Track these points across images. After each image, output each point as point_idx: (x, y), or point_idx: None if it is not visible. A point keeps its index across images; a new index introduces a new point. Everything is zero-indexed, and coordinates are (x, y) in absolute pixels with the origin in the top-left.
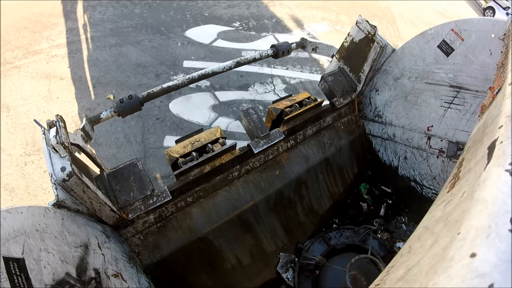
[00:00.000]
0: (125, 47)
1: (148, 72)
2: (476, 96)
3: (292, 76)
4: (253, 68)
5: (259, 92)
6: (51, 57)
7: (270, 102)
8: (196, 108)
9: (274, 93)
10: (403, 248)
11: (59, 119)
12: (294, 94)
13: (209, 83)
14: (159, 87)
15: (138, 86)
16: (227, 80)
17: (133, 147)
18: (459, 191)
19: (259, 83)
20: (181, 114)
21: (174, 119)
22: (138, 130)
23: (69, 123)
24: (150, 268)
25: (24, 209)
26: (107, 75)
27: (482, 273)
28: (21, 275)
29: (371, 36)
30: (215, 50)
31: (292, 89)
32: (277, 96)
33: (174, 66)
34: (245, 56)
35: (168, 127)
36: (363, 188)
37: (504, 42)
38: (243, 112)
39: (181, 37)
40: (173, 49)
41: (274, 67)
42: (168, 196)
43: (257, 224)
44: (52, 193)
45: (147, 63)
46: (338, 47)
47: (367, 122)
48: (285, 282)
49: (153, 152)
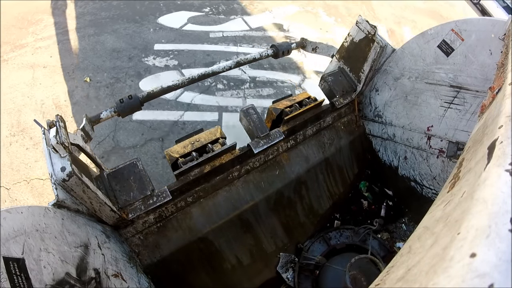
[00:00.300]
0: (102, 36)
1: (122, 56)
2: (476, 96)
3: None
4: (219, 47)
5: (230, 75)
6: (35, 49)
7: (232, 76)
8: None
9: (239, 68)
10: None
11: (59, 119)
12: (294, 94)
13: (176, 62)
14: (159, 87)
15: (112, 68)
16: (194, 59)
17: (105, 122)
18: (459, 191)
19: (224, 60)
20: (151, 90)
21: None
22: (110, 106)
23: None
24: (150, 268)
25: (24, 209)
26: (85, 61)
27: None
28: (21, 275)
29: (371, 36)
30: (184, 33)
31: (257, 64)
32: (242, 72)
33: (146, 50)
34: (245, 56)
35: None
36: (363, 186)
37: (504, 42)
38: (243, 112)
39: (154, 24)
40: (146, 35)
41: (240, 45)
42: (168, 196)
43: (257, 224)
44: (33, 167)
45: (121, 49)
46: (338, 47)
47: (367, 122)
48: (285, 282)
49: (123, 126)
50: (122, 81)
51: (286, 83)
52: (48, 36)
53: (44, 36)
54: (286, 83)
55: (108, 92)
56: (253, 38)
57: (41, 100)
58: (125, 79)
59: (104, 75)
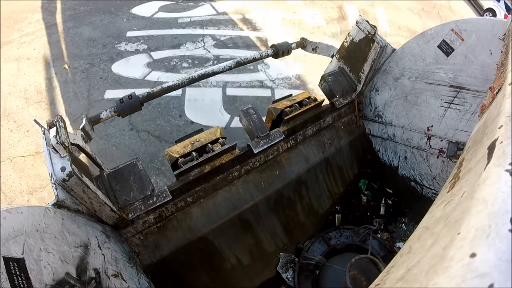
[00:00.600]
0: (80, 28)
1: (97, 44)
2: (476, 96)
3: (223, 34)
4: (186, 31)
5: (189, 49)
6: (20, 44)
7: (197, 56)
8: (133, 67)
9: (204, 48)
10: (403, 248)
11: (59, 119)
12: (294, 94)
13: (146, 46)
14: (159, 87)
15: (88, 55)
16: (162, 42)
17: (80, 102)
18: (459, 191)
19: (190, 41)
20: (121, 72)
21: (114, 77)
22: (85, 88)
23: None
24: (150, 268)
25: (24, 209)
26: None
27: (482, 273)
28: (21, 275)
29: (371, 36)
30: (155, 20)
31: (221, 44)
32: (206, 51)
33: (119, 37)
34: (245, 56)
35: (109, 84)
36: (363, 184)
37: (504, 42)
38: (243, 112)
39: (127, 14)
40: (120, 24)
41: (206, 28)
42: (168, 196)
43: (257, 224)
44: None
45: (97, 37)
46: (338, 47)
47: (367, 122)
48: (285, 282)
49: (95, 104)
50: (96, 65)
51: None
52: (32, 32)
53: (28, 32)
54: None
55: (84, 76)
56: (220, 21)
57: (24, 88)
58: (99, 63)
59: (81, 61)
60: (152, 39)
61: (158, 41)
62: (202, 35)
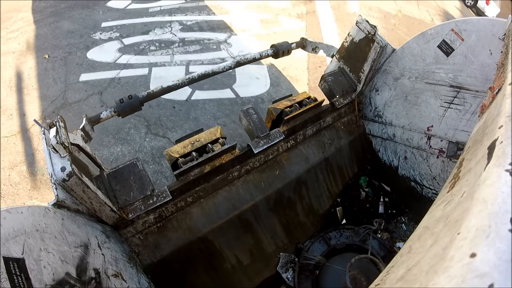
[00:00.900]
0: (60, 22)
1: (75, 35)
2: (476, 96)
3: (189, 19)
4: (156, 19)
5: (157, 34)
6: (6, 40)
7: (164, 39)
8: (106, 52)
9: (171, 33)
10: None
11: (59, 119)
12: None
13: (118, 34)
14: (159, 87)
15: (66, 45)
16: (133, 30)
17: (58, 86)
18: (459, 191)
19: (159, 28)
20: (95, 58)
21: (89, 62)
22: (63, 74)
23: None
24: (150, 268)
25: (24, 209)
26: (45, 43)
27: (482, 273)
28: (21, 275)
29: (371, 36)
30: (127, 11)
31: (187, 28)
32: (173, 35)
33: (94, 28)
34: (245, 56)
35: (84, 68)
36: (363, 181)
37: (504, 42)
38: (243, 112)
39: (103, 7)
40: (96, 17)
41: (174, 15)
42: (168, 196)
43: (257, 224)
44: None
45: (75, 29)
46: (338, 47)
47: (367, 122)
48: (285, 282)
49: (71, 87)
50: (73, 54)
51: (212, 40)
52: (17, 29)
53: (13, 29)
54: (212, 40)
55: (62, 64)
56: (187, 9)
57: (9, 78)
58: (76, 52)
59: (60, 51)
60: (124, 28)
61: (130, 29)
62: (170, 21)
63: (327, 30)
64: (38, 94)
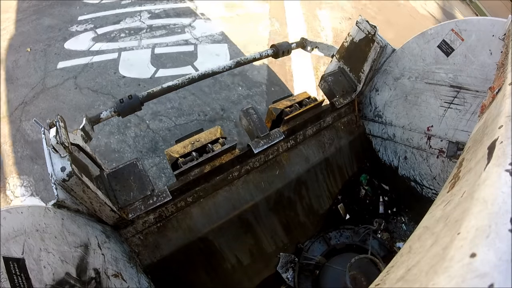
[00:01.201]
0: (41, 19)
1: (54, 29)
2: (476, 96)
3: (157, 8)
4: (127, 10)
5: (127, 23)
6: None
7: (133, 27)
8: (81, 42)
9: (140, 21)
10: (403, 248)
11: (59, 119)
12: (294, 94)
13: (93, 25)
14: (159, 87)
15: (46, 39)
16: (106, 21)
17: (38, 74)
18: (459, 191)
19: (129, 17)
20: (71, 47)
21: (66, 51)
22: (42, 63)
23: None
24: (150, 268)
25: (24, 209)
26: (28, 38)
27: (482, 273)
28: (21, 275)
29: (371, 36)
30: (102, 5)
31: (155, 16)
32: (142, 23)
33: (72, 21)
34: (245, 56)
35: (61, 57)
36: (364, 179)
37: (504, 42)
38: (242, 112)
39: (80, 3)
40: (73, 12)
41: (144, 5)
42: (168, 196)
43: (257, 224)
44: None
45: (54, 24)
46: (338, 47)
47: (367, 122)
48: (285, 282)
49: (50, 74)
50: (52, 45)
51: (178, 24)
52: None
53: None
54: (177, 24)
55: (42, 55)
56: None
57: None
58: (54, 44)
59: (40, 44)
60: (98, 20)
61: (103, 20)
62: (140, 11)
63: (291, 11)
64: (21, 83)
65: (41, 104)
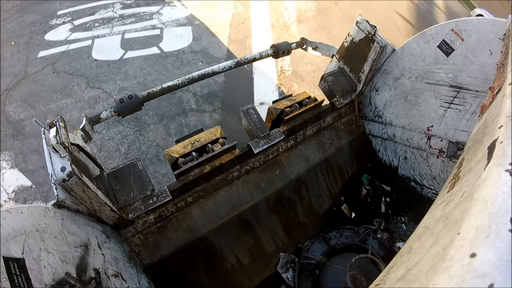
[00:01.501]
0: (25, 16)
1: (36, 24)
2: (476, 96)
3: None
4: (102, 2)
5: (101, 14)
6: None
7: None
8: (60, 33)
9: (112, 11)
10: (403, 248)
11: (59, 119)
12: (294, 94)
13: (70, 18)
14: (159, 87)
15: (29, 33)
16: (82, 13)
17: (21, 63)
18: (459, 191)
19: (103, 9)
20: (51, 38)
21: (46, 42)
22: (25, 54)
23: None
24: (150, 268)
25: (24, 209)
26: (12, 34)
27: (482, 273)
28: (21, 275)
29: (371, 36)
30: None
31: (126, 6)
32: (114, 13)
33: (52, 16)
34: (245, 56)
35: (42, 47)
36: (365, 179)
37: (504, 42)
38: (242, 112)
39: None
40: (53, 8)
41: None
42: (168, 196)
43: (257, 224)
44: None
45: (36, 20)
46: (338, 47)
47: (367, 122)
48: (285, 282)
49: (31, 63)
50: (34, 38)
51: (147, 12)
52: None
53: None
54: (146, 12)
55: (25, 47)
56: None
57: None
58: (36, 36)
59: (24, 38)
60: (75, 13)
61: (80, 13)
62: (113, 2)
63: None
64: (6, 72)
65: (23, 89)
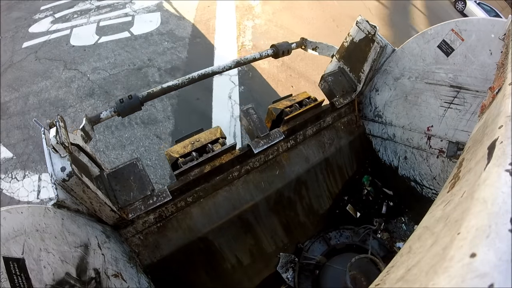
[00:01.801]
0: (11, 13)
1: (21, 19)
2: (476, 96)
3: None
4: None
5: (79, 6)
6: None
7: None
8: (42, 26)
9: (90, 3)
10: (403, 248)
11: (59, 119)
12: (294, 94)
13: (52, 12)
14: (159, 87)
15: (15, 27)
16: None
17: (7, 54)
18: (459, 191)
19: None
20: (34, 31)
21: (30, 34)
22: (11, 46)
23: None
24: (150, 268)
25: (24, 209)
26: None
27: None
28: (21, 275)
29: (371, 36)
30: None
31: None
32: (91, 5)
33: (36, 11)
34: (245, 56)
35: (26, 39)
36: (366, 180)
37: (504, 42)
38: (242, 112)
39: None
40: (37, 4)
41: None
42: (168, 196)
43: (257, 224)
44: None
45: (21, 16)
46: (338, 47)
47: (367, 122)
48: (285, 282)
49: (17, 53)
50: (19, 31)
51: (120, 2)
52: None
53: None
54: (120, 2)
55: (11, 40)
56: None
57: None
58: (21, 30)
59: (10, 32)
60: (56, 7)
61: (60, 7)
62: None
63: None
64: None
65: (9, 76)
